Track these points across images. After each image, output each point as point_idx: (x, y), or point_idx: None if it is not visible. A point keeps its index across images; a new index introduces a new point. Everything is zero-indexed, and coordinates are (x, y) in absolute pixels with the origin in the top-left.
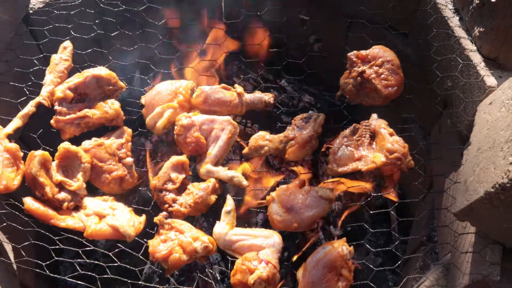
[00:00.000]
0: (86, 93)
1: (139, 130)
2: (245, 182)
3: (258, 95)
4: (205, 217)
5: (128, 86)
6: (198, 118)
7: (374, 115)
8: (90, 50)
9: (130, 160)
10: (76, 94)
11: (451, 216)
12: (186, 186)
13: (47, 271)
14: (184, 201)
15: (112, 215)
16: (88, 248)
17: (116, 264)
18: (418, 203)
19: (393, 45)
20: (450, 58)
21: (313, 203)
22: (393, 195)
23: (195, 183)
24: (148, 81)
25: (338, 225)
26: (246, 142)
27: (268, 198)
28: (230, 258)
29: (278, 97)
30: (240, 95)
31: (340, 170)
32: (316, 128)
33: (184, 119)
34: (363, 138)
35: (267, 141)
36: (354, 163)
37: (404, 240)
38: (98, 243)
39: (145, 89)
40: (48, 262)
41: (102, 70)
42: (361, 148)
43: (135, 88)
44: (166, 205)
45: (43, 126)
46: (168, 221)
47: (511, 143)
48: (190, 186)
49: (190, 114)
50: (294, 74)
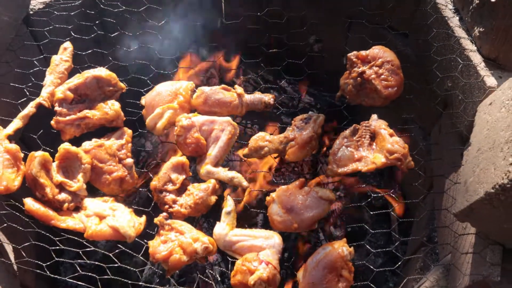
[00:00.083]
0: (86, 94)
1: (139, 131)
2: (245, 183)
3: (258, 96)
4: (205, 218)
5: (128, 87)
6: (198, 119)
7: (374, 116)
8: (90, 51)
9: (130, 161)
10: (76, 95)
11: (451, 216)
12: (186, 187)
13: (48, 272)
14: (184, 202)
15: (112, 216)
16: (88, 249)
17: (116, 264)
18: (418, 204)
19: (393, 45)
20: (450, 58)
21: (313, 204)
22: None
23: (195, 184)
24: (148, 81)
25: (338, 225)
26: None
27: (268, 199)
28: (230, 259)
29: (278, 97)
30: (240, 96)
31: (340, 170)
32: (316, 128)
33: (184, 120)
34: (363, 139)
35: (267, 141)
36: (354, 164)
37: (404, 240)
38: (99, 244)
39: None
40: (48, 263)
41: (102, 71)
42: (361, 148)
43: (135, 88)
44: (166, 206)
45: (44, 127)
46: (168, 222)
47: (511, 144)
48: (190, 187)
49: (190, 115)
50: (294, 74)
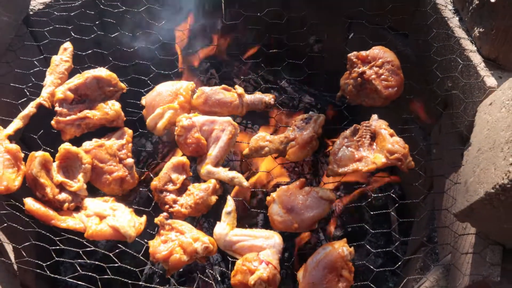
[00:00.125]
0: (87, 94)
1: (140, 131)
2: (245, 183)
3: (258, 96)
4: (205, 217)
5: (128, 87)
6: (199, 119)
7: (375, 116)
8: (91, 51)
9: (130, 161)
10: (76, 95)
11: (452, 217)
12: (186, 187)
13: (48, 272)
14: (184, 201)
15: (112, 216)
16: (88, 248)
17: (116, 264)
18: (419, 204)
19: (393, 45)
20: (450, 58)
21: (313, 204)
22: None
23: (196, 184)
24: (148, 81)
25: (338, 225)
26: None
27: (268, 198)
28: (230, 259)
29: (279, 98)
30: (240, 96)
31: (340, 170)
32: (316, 129)
33: (184, 120)
34: (364, 139)
35: (268, 141)
36: (354, 164)
37: (404, 241)
38: (99, 244)
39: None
40: (48, 263)
41: (102, 71)
42: (361, 148)
43: (135, 89)
44: (167, 205)
45: (44, 127)
46: (168, 221)
47: (511, 144)
48: (190, 187)
49: (191, 115)
50: (294, 75)
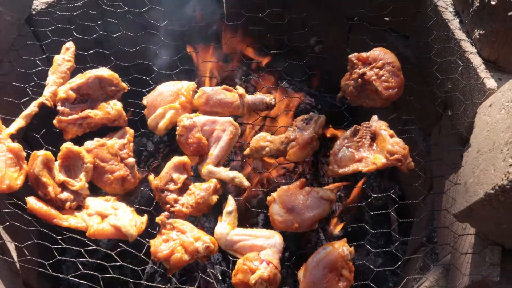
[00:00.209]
0: (89, 93)
1: (141, 130)
2: (246, 183)
3: (259, 96)
4: (206, 217)
5: (130, 87)
6: (200, 119)
7: (375, 117)
8: (93, 51)
9: (132, 160)
10: (78, 95)
11: (451, 217)
12: (187, 187)
13: (50, 270)
14: (185, 201)
15: (114, 215)
16: (90, 247)
17: (118, 263)
18: (418, 204)
19: (393, 47)
20: (450, 60)
21: (314, 204)
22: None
23: (197, 184)
24: (150, 81)
25: (338, 225)
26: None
27: (269, 198)
28: (231, 258)
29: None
30: (241, 96)
31: (340, 171)
32: (317, 129)
33: (185, 120)
34: (364, 140)
35: (268, 142)
36: (354, 164)
37: (404, 241)
38: (101, 243)
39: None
40: (50, 261)
41: (104, 71)
42: (361, 149)
43: (137, 88)
44: (168, 205)
45: (46, 126)
46: (170, 221)
47: (511, 145)
48: (191, 187)
49: (192, 115)
50: (295, 75)
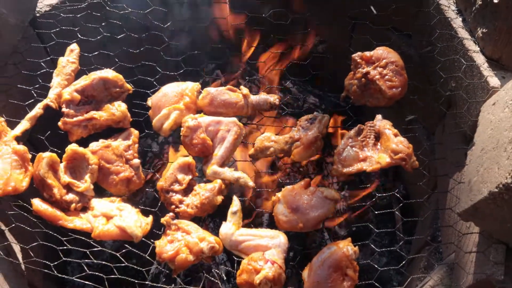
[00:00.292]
0: (93, 95)
1: (146, 131)
2: (251, 183)
3: (263, 97)
4: (211, 217)
5: (134, 88)
6: (204, 119)
7: (379, 116)
8: (97, 53)
9: (137, 161)
10: (83, 96)
11: (455, 216)
12: (192, 187)
13: (55, 272)
14: (190, 202)
15: (119, 216)
16: (95, 248)
17: (123, 264)
18: (423, 203)
19: (396, 46)
20: (453, 59)
21: (318, 204)
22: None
23: (202, 184)
24: (154, 82)
25: (343, 225)
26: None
27: (274, 198)
28: (236, 258)
29: (283, 98)
30: (245, 97)
31: (345, 170)
32: (321, 129)
33: (190, 121)
34: (368, 139)
35: (273, 142)
36: (359, 164)
37: (408, 240)
38: (106, 244)
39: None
40: (56, 263)
41: (108, 73)
42: (366, 148)
43: (142, 90)
44: (173, 206)
45: (51, 128)
46: (175, 221)
47: None
48: (196, 187)
49: (196, 115)
50: (298, 75)
